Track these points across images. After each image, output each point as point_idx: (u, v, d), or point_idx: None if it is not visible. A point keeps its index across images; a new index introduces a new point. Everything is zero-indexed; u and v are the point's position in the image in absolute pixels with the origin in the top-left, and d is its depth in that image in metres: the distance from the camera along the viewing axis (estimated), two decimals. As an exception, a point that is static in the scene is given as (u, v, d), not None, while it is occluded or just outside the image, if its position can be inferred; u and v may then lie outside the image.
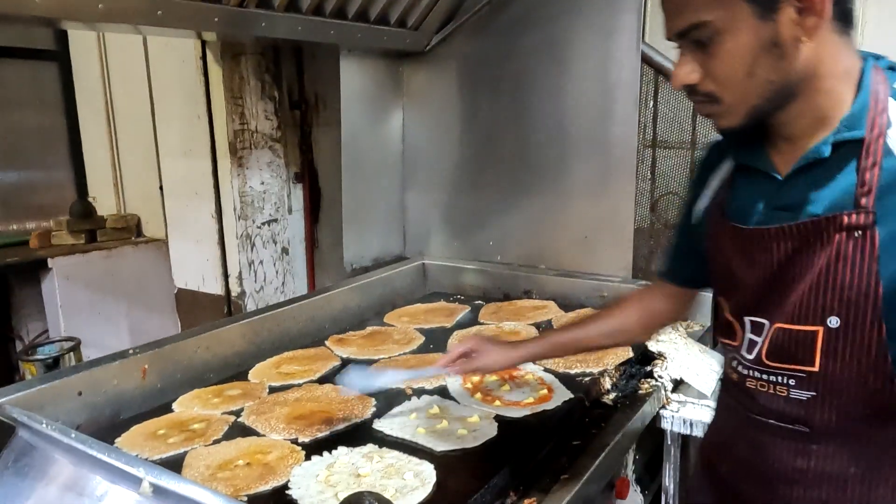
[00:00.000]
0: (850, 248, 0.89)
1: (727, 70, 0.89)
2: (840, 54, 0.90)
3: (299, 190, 3.07)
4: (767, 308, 0.98)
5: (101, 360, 1.63)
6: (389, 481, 1.23)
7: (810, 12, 0.85)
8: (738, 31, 0.86)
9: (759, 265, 0.98)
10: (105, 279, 3.40)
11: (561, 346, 1.41)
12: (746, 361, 1.03)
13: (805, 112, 0.92)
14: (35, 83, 3.75)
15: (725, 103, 0.93)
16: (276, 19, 1.95)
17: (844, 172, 0.91)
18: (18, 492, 0.64)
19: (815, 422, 0.97)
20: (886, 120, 0.89)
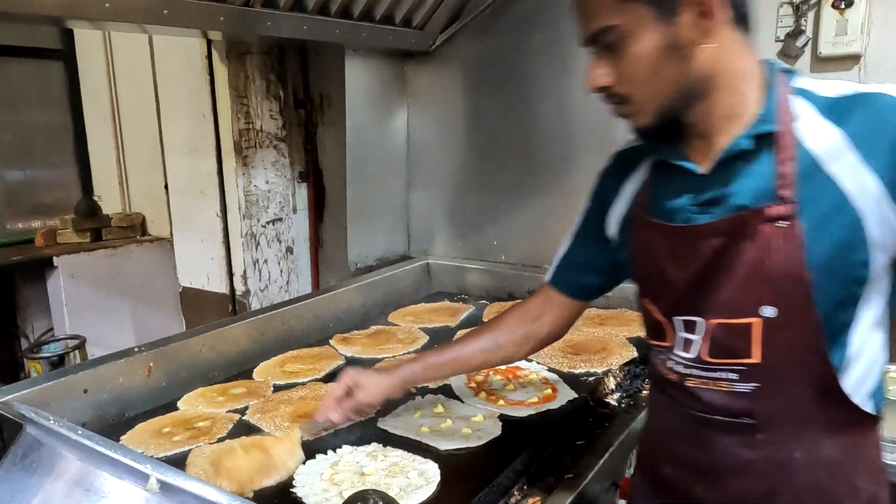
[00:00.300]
0: (776, 238, 0.92)
1: (634, 71, 0.93)
2: (740, 56, 0.95)
3: (304, 189, 3.08)
4: (700, 305, 1.00)
5: (107, 357, 1.64)
6: (393, 480, 1.23)
7: (707, 16, 0.89)
8: (642, 35, 0.91)
9: (689, 262, 1.00)
10: (110, 277, 3.42)
11: (438, 367, 1.36)
12: (685, 360, 1.04)
13: (714, 109, 0.96)
14: (41, 82, 3.77)
15: (636, 103, 0.97)
16: (281, 19, 1.95)
17: (763, 164, 0.94)
18: (26, 487, 0.64)
19: (759, 413, 0.99)
20: (792, 115, 0.93)
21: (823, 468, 0.99)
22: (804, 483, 0.99)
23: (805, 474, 0.99)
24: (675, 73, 0.92)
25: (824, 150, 0.91)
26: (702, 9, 0.89)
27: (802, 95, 0.95)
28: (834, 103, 0.93)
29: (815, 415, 0.97)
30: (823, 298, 0.91)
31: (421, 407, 1.56)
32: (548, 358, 1.84)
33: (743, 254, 0.94)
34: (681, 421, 1.08)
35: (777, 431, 0.99)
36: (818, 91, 0.95)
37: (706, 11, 0.89)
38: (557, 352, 1.87)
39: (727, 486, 1.04)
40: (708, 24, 0.90)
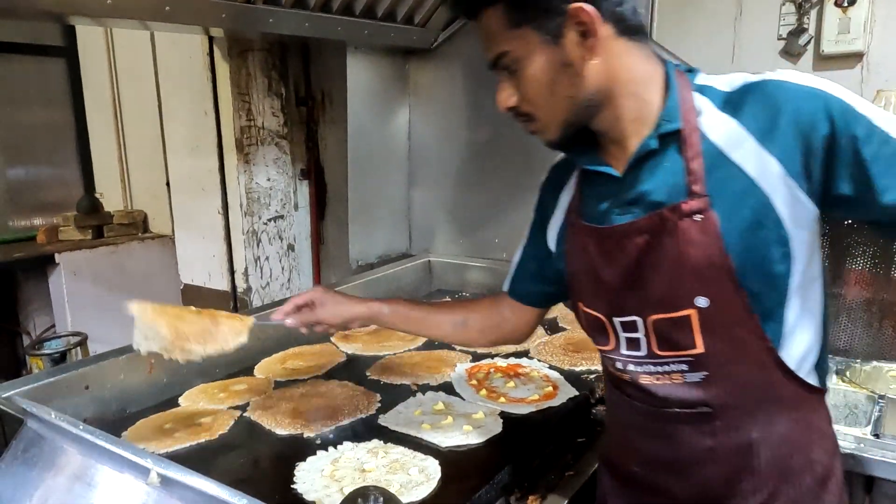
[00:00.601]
0: (694, 231, 0.96)
1: (533, 91, 1.00)
2: (636, 63, 0.99)
3: (305, 186, 3.08)
4: (636, 304, 1.04)
5: (109, 354, 1.64)
6: (394, 476, 1.23)
7: (589, 35, 0.95)
8: (533, 58, 0.97)
9: (619, 262, 1.04)
10: (112, 274, 3.42)
11: (404, 318, 1.39)
12: (637, 358, 1.07)
13: (621, 116, 1.01)
14: (43, 79, 3.77)
15: (540, 121, 1.03)
16: (283, 15, 1.95)
17: (673, 161, 0.98)
18: (27, 481, 0.64)
19: (713, 400, 1.03)
20: (696, 111, 0.98)
21: (781, 445, 1.03)
22: (764, 462, 1.04)
23: (764, 453, 1.03)
24: (569, 89, 0.98)
25: (726, 140, 0.95)
26: (583, 29, 0.94)
27: (702, 92, 0.99)
28: (728, 96, 0.97)
29: (766, 394, 1.02)
30: (749, 280, 0.95)
31: (422, 404, 1.56)
32: (549, 355, 1.84)
33: (667, 250, 0.98)
34: (640, 417, 1.12)
35: (732, 415, 1.03)
36: (716, 86, 0.99)
37: (587, 31, 0.94)
38: (558, 349, 1.87)
39: (692, 476, 1.08)
40: (591, 42, 0.95)
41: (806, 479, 1.05)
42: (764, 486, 1.04)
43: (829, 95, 0.91)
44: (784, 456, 1.03)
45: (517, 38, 0.97)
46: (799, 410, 1.04)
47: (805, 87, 0.92)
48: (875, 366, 2.01)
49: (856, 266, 2.10)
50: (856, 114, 0.90)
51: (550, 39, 0.96)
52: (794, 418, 1.03)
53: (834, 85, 0.94)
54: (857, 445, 1.57)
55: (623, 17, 0.97)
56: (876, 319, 2.08)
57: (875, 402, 1.78)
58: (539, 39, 0.96)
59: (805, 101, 0.91)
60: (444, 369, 1.77)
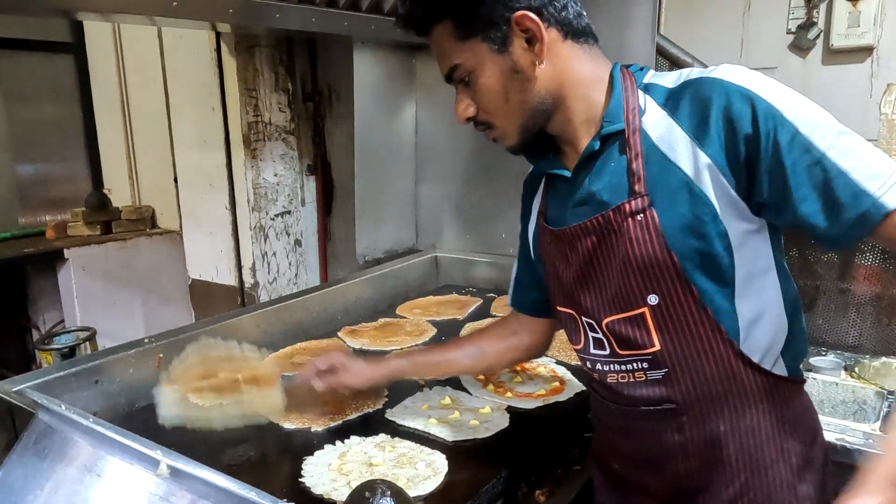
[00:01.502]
0: (638, 230, 0.98)
1: (487, 100, 1.03)
2: (583, 65, 1.03)
3: (312, 182, 3.09)
4: (593, 305, 1.07)
5: (118, 348, 1.65)
6: (401, 470, 1.23)
7: (535, 41, 0.98)
8: (485, 67, 1.01)
9: (574, 264, 1.07)
10: (120, 270, 3.44)
11: (425, 366, 1.46)
12: (602, 357, 1.09)
13: (570, 118, 1.04)
14: (51, 75, 3.79)
15: (498, 128, 1.07)
16: (290, 11, 1.95)
17: (615, 161, 1.01)
18: (39, 472, 0.65)
19: (677, 396, 1.04)
20: (639, 111, 1.00)
21: (749, 436, 1.04)
22: (734, 453, 1.05)
23: (733, 445, 1.04)
24: (521, 95, 1.01)
25: (664, 139, 0.97)
26: (528, 36, 0.98)
27: (647, 90, 1.01)
28: (670, 93, 0.99)
29: (730, 387, 1.02)
30: (695, 275, 0.97)
31: (429, 398, 1.56)
32: (556, 350, 1.83)
33: (614, 250, 1.01)
34: (613, 416, 1.14)
35: (698, 410, 1.04)
36: (661, 83, 1.01)
37: (532, 38, 0.98)
38: (565, 344, 1.86)
39: (666, 471, 1.09)
40: (538, 48, 0.98)
41: (780, 469, 1.05)
42: (736, 477, 1.05)
43: (759, 97, 0.90)
44: (754, 447, 1.04)
45: (467, 51, 1.00)
46: (768, 402, 1.04)
47: (738, 86, 0.92)
48: (884, 361, 2.00)
49: (864, 261, 2.09)
50: (782, 119, 0.89)
51: (498, 49, 0.99)
52: (762, 410, 1.03)
53: (772, 85, 0.93)
54: (865, 441, 1.57)
55: (567, 21, 1.00)
56: (885, 315, 2.08)
57: (884, 398, 1.77)
58: (487, 50, 0.99)
59: (734, 100, 0.91)
60: (450, 364, 1.76)
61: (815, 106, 0.92)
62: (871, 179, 0.86)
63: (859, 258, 2.09)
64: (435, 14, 1.03)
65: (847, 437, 1.58)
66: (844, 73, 2.26)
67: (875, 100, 2.15)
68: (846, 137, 0.89)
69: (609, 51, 1.08)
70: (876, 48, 2.19)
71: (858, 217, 0.86)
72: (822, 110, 0.92)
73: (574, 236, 1.06)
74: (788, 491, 1.05)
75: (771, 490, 1.04)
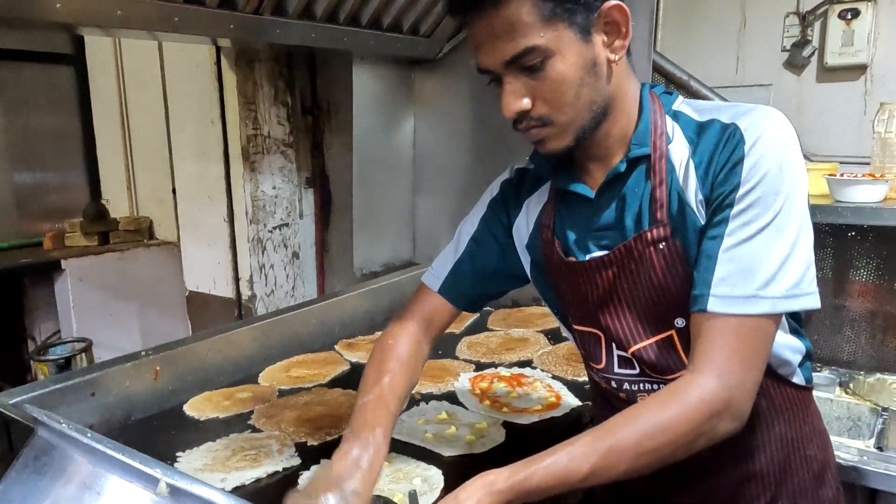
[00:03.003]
0: (661, 259, 0.96)
1: (558, 92, 0.92)
2: (630, 78, 0.99)
3: (310, 195, 3.10)
4: (616, 329, 1.04)
5: (114, 361, 1.65)
6: (398, 486, 1.24)
7: (616, 35, 0.92)
8: (566, 54, 0.90)
9: (596, 289, 1.04)
10: (117, 281, 3.44)
11: (379, 444, 1.06)
12: (630, 377, 1.07)
13: (611, 132, 0.99)
14: (51, 86, 3.80)
15: (558, 125, 0.95)
16: (290, 26, 1.97)
17: (639, 186, 0.98)
18: (37, 490, 0.65)
19: None
20: (666, 138, 0.97)
21: (779, 447, 1.05)
22: (765, 465, 1.05)
23: (765, 457, 1.05)
24: (593, 92, 0.93)
25: (682, 169, 0.95)
26: (610, 29, 0.91)
27: (675, 118, 0.98)
28: (697, 126, 0.96)
29: (759, 401, 0.98)
30: None
31: (425, 413, 1.57)
32: (552, 365, 1.84)
33: (638, 277, 0.99)
34: None
35: None
36: (690, 114, 0.98)
37: (617, 30, 0.91)
38: (561, 359, 1.87)
39: (696, 487, 1.08)
40: (618, 43, 0.92)
41: (804, 475, 1.07)
42: (767, 489, 1.06)
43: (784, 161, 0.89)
44: (782, 457, 1.05)
45: (550, 32, 0.88)
46: (791, 411, 1.06)
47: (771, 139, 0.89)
48: (879, 378, 2.01)
49: (860, 278, 2.11)
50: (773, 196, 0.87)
51: (583, 36, 0.90)
52: (787, 419, 1.06)
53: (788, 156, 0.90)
54: (860, 458, 1.58)
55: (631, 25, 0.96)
56: (880, 331, 2.09)
57: (878, 415, 1.78)
58: (572, 35, 0.89)
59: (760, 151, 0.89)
60: (447, 379, 1.77)
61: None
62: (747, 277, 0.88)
63: (853, 275, 2.11)
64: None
65: (842, 453, 1.59)
66: (838, 90, 2.29)
67: (869, 117, 2.18)
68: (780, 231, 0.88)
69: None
70: (870, 66, 2.22)
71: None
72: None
73: (599, 266, 1.02)
74: (812, 497, 1.07)
75: (797, 497, 1.06)
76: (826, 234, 2.12)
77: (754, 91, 2.43)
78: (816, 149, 2.31)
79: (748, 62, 2.44)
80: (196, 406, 1.66)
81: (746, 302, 0.87)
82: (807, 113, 2.35)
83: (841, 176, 1.92)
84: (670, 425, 0.86)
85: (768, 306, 0.87)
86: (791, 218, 0.87)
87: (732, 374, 0.86)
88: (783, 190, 0.87)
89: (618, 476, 0.87)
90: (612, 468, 0.86)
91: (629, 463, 0.86)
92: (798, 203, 0.88)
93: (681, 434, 0.86)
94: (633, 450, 0.86)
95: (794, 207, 0.88)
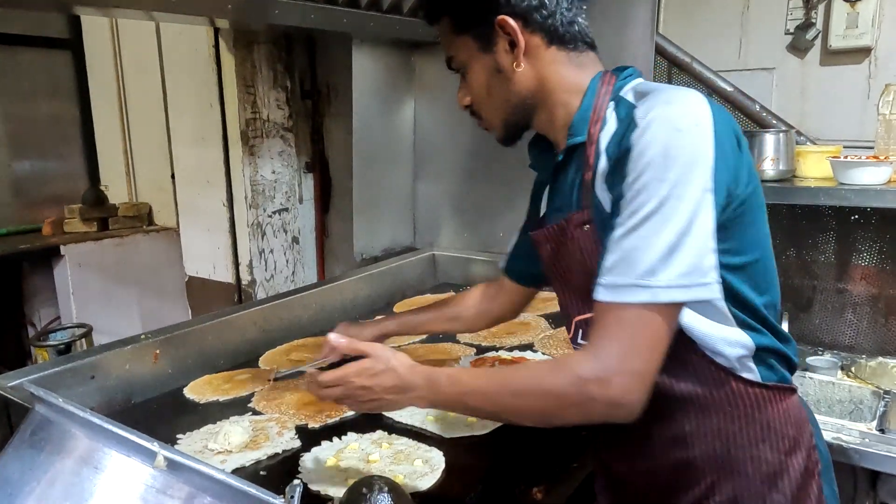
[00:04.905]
0: (584, 241, 1.04)
1: (476, 92, 1.11)
2: (566, 71, 1.06)
3: (310, 179, 3.08)
4: (565, 301, 1.14)
5: (114, 344, 1.65)
6: (399, 467, 1.23)
7: (516, 45, 1.04)
8: (473, 62, 1.09)
9: (548, 262, 1.15)
10: (117, 266, 3.43)
11: (410, 326, 1.57)
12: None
13: (551, 121, 1.09)
14: (48, 72, 3.78)
15: (485, 120, 1.15)
16: (288, 7, 1.95)
17: (574, 172, 1.06)
18: (36, 465, 0.64)
19: None
20: (601, 124, 1.01)
21: (716, 439, 1.02)
22: (700, 454, 1.03)
23: (699, 446, 1.03)
24: (504, 92, 1.08)
25: (603, 154, 0.99)
26: (510, 40, 1.04)
27: (618, 102, 1.01)
28: (627, 111, 0.97)
29: (693, 388, 1.00)
30: None
31: (426, 396, 1.56)
32: (553, 348, 1.84)
33: (571, 256, 1.07)
34: None
35: (663, 406, 1.01)
36: (630, 98, 1.00)
37: (514, 42, 1.04)
38: (563, 342, 1.87)
39: (641, 464, 1.11)
40: (518, 52, 1.04)
41: (750, 475, 1.02)
42: (702, 478, 1.04)
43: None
44: (721, 450, 1.02)
45: (460, 45, 1.09)
46: (734, 406, 1.01)
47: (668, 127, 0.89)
48: (881, 361, 2.01)
49: (862, 262, 2.10)
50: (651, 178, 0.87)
51: (484, 47, 1.06)
52: (728, 414, 1.01)
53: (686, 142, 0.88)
54: (862, 440, 1.58)
55: (553, 27, 1.04)
56: (881, 315, 2.08)
57: (880, 398, 1.78)
58: (476, 46, 1.07)
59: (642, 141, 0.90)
60: (448, 362, 1.77)
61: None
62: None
63: (856, 258, 2.10)
64: (438, 8, 1.11)
65: (843, 436, 1.59)
66: (842, 73, 2.26)
67: (873, 101, 2.16)
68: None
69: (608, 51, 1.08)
70: (874, 49, 2.20)
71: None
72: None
73: (544, 239, 1.13)
74: (759, 498, 1.02)
75: (739, 495, 1.02)
76: (829, 217, 2.11)
77: (757, 74, 2.41)
78: (820, 132, 2.30)
79: (751, 45, 2.42)
80: (196, 389, 1.66)
81: (627, 291, 0.88)
82: (810, 96, 2.33)
83: (845, 158, 1.91)
84: (543, 389, 0.92)
85: (648, 295, 0.86)
86: (680, 205, 0.86)
87: (611, 361, 0.88)
88: (668, 177, 0.86)
89: (489, 416, 1.07)
90: (486, 409, 1.00)
91: (498, 409, 0.99)
92: (690, 190, 0.86)
93: (550, 399, 0.92)
94: (507, 401, 0.96)
95: (683, 194, 0.86)
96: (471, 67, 1.09)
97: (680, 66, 2.35)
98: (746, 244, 0.96)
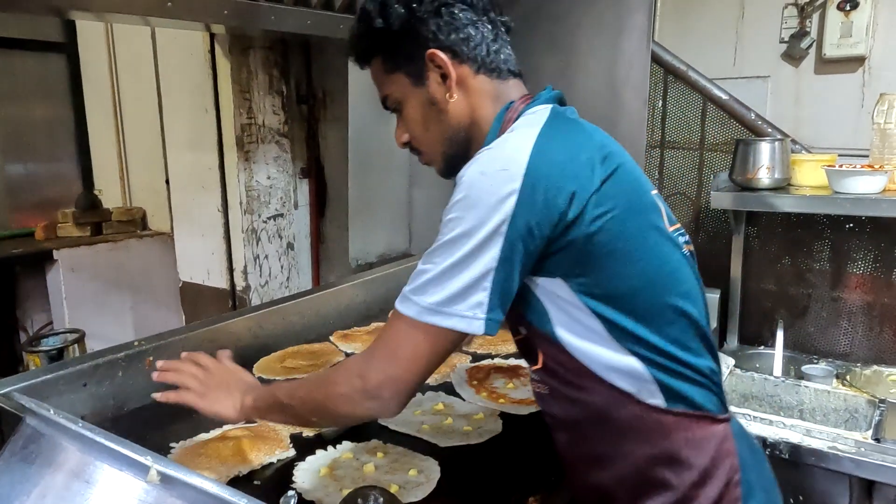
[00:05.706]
0: None
1: (413, 128, 1.13)
2: (488, 101, 1.09)
3: (305, 185, 3.07)
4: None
5: (107, 351, 1.63)
6: (394, 477, 1.23)
7: (448, 77, 1.06)
8: (407, 98, 1.10)
9: None
10: (110, 272, 3.41)
11: None
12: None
13: (478, 150, 1.06)
14: (43, 75, 3.76)
15: (425, 154, 1.16)
16: (285, 13, 1.95)
17: None
18: (26, 478, 0.63)
19: (560, 413, 1.08)
20: None
21: (627, 460, 1.03)
22: (609, 476, 1.05)
23: (610, 468, 1.05)
24: (439, 125, 1.10)
25: None
26: (441, 72, 1.06)
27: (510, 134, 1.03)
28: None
29: (603, 413, 1.02)
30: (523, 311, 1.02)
31: (422, 404, 1.55)
32: (549, 356, 1.83)
33: None
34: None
35: (579, 429, 1.06)
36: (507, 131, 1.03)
37: (445, 74, 1.06)
38: (558, 350, 1.86)
39: (576, 480, 1.14)
40: (450, 83, 1.06)
41: (653, 499, 1.02)
42: (614, 499, 1.06)
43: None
44: (633, 474, 1.03)
45: (393, 83, 1.10)
46: (639, 430, 1.01)
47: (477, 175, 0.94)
48: (875, 370, 2.01)
49: (857, 270, 2.10)
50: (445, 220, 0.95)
51: (416, 82, 1.08)
52: (636, 437, 1.02)
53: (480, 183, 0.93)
54: (857, 450, 1.57)
55: (479, 57, 1.08)
56: (876, 323, 2.09)
57: (876, 407, 1.78)
58: (409, 82, 1.08)
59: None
60: (443, 369, 1.76)
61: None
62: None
63: (851, 267, 2.11)
64: (368, 50, 1.12)
65: (839, 445, 1.59)
66: (836, 82, 2.28)
67: (867, 109, 2.17)
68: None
69: (604, 58, 1.09)
70: (868, 58, 2.21)
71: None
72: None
73: None
74: None
75: None
76: (824, 225, 2.11)
77: (752, 82, 2.42)
78: (814, 140, 2.31)
79: (746, 53, 2.43)
80: (189, 396, 1.64)
81: (402, 300, 0.97)
82: (804, 104, 2.34)
83: (840, 167, 1.92)
84: (321, 379, 1.05)
85: (415, 311, 0.94)
86: (467, 243, 0.91)
87: (374, 358, 0.98)
88: (465, 216, 0.92)
89: (286, 408, 1.09)
90: (281, 400, 1.09)
91: (288, 399, 1.08)
92: (480, 230, 0.91)
93: (330, 388, 1.01)
94: (299, 393, 1.07)
95: (472, 233, 0.91)
96: (406, 103, 1.11)
97: (676, 74, 2.36)
98: (612, 275, 0.96)
